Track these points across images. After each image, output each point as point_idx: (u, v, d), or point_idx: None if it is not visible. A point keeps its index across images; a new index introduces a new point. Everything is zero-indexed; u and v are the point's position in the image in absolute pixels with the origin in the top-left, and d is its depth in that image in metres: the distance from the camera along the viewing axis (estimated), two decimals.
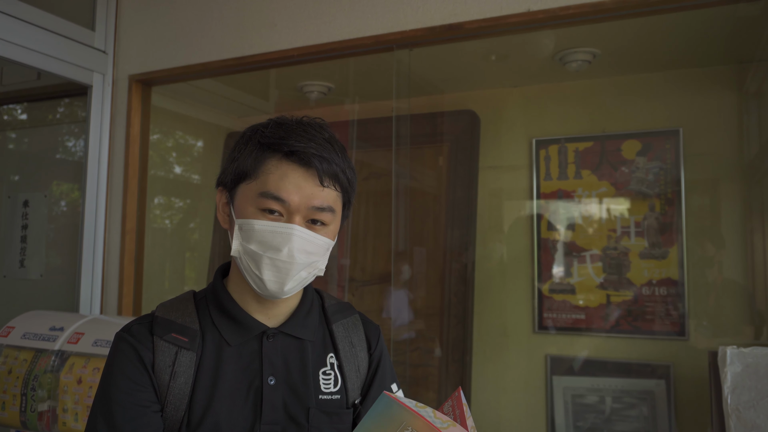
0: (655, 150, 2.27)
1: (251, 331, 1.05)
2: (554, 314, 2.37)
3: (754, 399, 1.46)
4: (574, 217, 2.37)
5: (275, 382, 1.03)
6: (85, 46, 2.46)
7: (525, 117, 2.51)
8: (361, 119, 2.75)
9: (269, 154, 1.01)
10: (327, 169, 1.01)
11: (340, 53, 2.19)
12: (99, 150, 2.52)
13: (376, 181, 2.74)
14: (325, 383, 1.07)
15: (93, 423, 0.98)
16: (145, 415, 0.97)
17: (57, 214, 2.78)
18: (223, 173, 1.07)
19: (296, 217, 1.00)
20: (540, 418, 2.35)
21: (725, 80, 2.21)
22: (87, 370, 1.76)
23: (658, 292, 2.22)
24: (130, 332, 1.03)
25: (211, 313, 1.07)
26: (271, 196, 0.99)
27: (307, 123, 1.05)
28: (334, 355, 1.11)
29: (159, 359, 1.00)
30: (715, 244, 2.19)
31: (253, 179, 1.01)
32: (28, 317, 1.99)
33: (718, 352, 1.56)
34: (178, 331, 1.02)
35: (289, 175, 0.99)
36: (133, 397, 0.98)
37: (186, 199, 3.05)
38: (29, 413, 1.81)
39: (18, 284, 2.75)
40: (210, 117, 3.00)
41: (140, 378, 0.99)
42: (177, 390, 0.99)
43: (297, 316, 1.09)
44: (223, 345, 1.04)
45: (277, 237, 0.99)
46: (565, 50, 2.17)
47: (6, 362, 1.88)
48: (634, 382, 2.23)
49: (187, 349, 1.01)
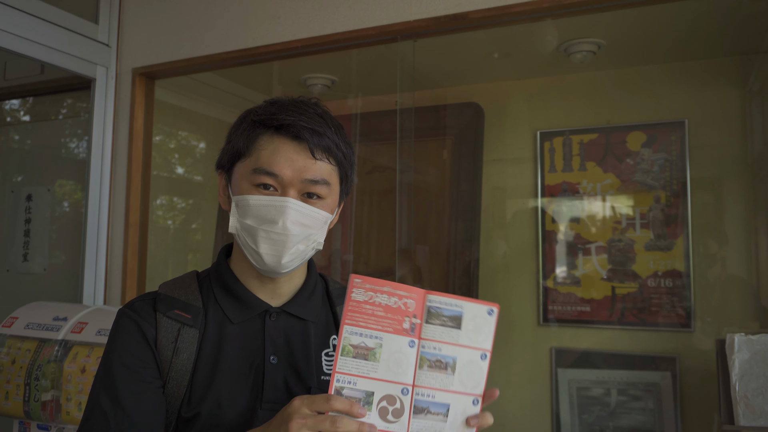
0: (660, 142, 2.26)
1: (254, 309, 1.05)
2: (559, 307, 2.36)
3: (762, 386, 1.45)
4: (579, 209, 2.36)
5: (277, 361, 1.02)
6: (88, 39, 2.45)
7: (529, 109, 2.50)
8: (364, 113, 2.74)
9: (261, 130, 1.01)
10: (318, 142, 1.00)
11: (344, 45, 2.18)
12: (102, 143, 2.52)
13: (380, 175, 2.74)
14: (327, 364, 1.06)
15: (96, 399, 0.98)
16: (148, 391, 0.97)
17: (60, 208, 2.78)
18: (221, 156, 1.08)
19: (290, 190, 1.00)
20: (545, 410, 2.34)
21: (730, 72, 2.20)
22: (91, 360, 1.75)
23: (664, 283, 2.21)
24: (133, 308, 1.03)
25: (214, 291, 1.07)
26: (264, 171, 0.99)
27: (301, 100, 1.05)
28: (337, 337, 1.10)
29: (162, 335, 1.00)
30: (720, 236, 2.18)
31: (247, 157, 1.01)
32: (32, 308, 1.99)
33: (725, 339, 1.55)
34: (181, 308, 1.02)
35: (280, 149, 1.00)
36: (136, 373, 0.97)
37: (190, 189, 3.04)
38: (33, 403, 1.80)
39: (21, 278, 2.75)
40: (213, 111, 3.00)
41: (143, 354, 0.99)
42: (179, 366, 0.98)
43: (300, 296, 1.09)
44: (225, 323, 1.04)
45: (271, 210, 0.99)
46: (569, 41, 2.16)
47: (9, 352, 1.88)
48: (640, 374, 2.22)
49: (190, 325, 1.01)
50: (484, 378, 0.90)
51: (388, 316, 0.87)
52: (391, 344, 0.87)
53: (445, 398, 0.88)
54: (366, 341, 0.86)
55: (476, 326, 0.89)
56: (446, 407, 0.88)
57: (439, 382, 0.88)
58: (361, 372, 0.86)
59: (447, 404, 0.88)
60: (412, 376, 0.87)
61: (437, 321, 0.88)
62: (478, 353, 0.89)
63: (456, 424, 0.88)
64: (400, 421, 0.86)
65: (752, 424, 1.42)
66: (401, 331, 0.87)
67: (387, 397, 0.86)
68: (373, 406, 0.85)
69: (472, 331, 0.89)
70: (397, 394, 0.86)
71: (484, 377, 0.89)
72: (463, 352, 0.89)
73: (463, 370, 0.88)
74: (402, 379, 0.86)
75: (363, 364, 0.86)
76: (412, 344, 0.88)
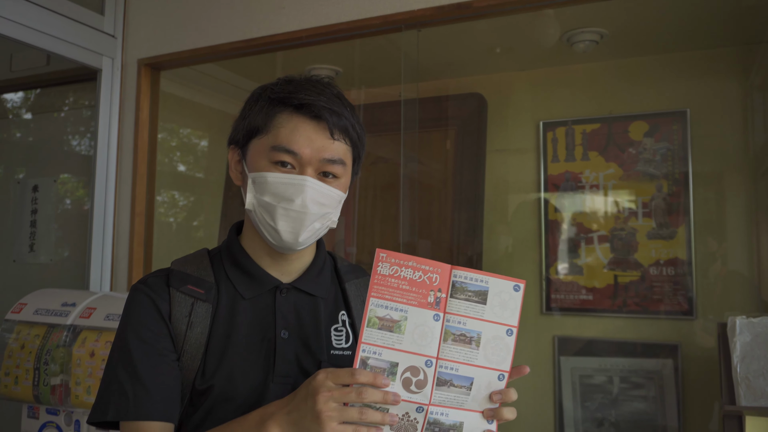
0: (662, 131, 2.27)
1: (265, 285, 1.07)
2: (562, 295, 2.38)
3: (763, 367, 1.46)
4: (581, 199, 2.38)
5: (288, 335, 1.04)
6: (94, 30, 2.47)
7: (532, 100, 2.51)
8: (368, 104, 2.76)
9: (280, 108, 1.02)
10: (337, 123, 1.02)
11: (349, 34, 2.20)
12: (108, 134, 2.54)
13: (384, 166, 2.75)
14: (336, 339, 1.08)
15: (112, 372, 0.99)
16: (164, 363, 0.99)
17: (66, 199, 2.80)
18: (235, 131, 1.09)
19: (308, 169, 1.01)
20: (548, 398, 2.35)
21: (732, 62, 2.22)
22: (99, 344, 1.77)
23: (666, 272, 2.23)
24: (147, 284, 1.05)
25: (226, 268, 1.08)
26: (283, 149, 1.00)
27: (316, 80, 1.07)
28: (345, 313, 1.12)
29: (176, 310, 1.01)
30: (722, 225, 2.19)
31: (265, 134, 1.02)
32: (40, 294, 2.01)
33: (727, 323, 1.57)
34: (194, 284, 1.04)
35: (300, 127, 1.01)
36: (151, 346, 0.99)
37: (196, 175, 3.06)
38: (42, 387, 1.82)
39: (28, 268, 2.77)
40: (217, 103, 3.02)
41: (158, 327, 1.00)
42: (193, 339, 1.00)
43: (310, 273, 1.11)
44: (237, 298, 1.05)
45: (290, 188, 1.00)
46: (572, 30, 2.17)
47: (18, 338, 1.90)
48: (642, 362, 2.24)
49: (203, 300, 1.03)
50: (511, 353, 0.90)
51: (413, 289, 0.88)
52: (416, 317, 0.88)
53: (468, 372, 0.89)
54: (391, 314, 0.88)
55: (502, 302, 0.90)
56: (470, 380, 0.89)
57: (463, 355, 0.89)
58: (387, 343, 0.87)
59: (471, 378, 0.89)
60: (437, 349, 0.88)
61: (462, 296, 0.89)
62: (503, 329, 0.90)
63: (479, 397, 0.89)
64: (423, 392, 0.87)
65: (753, 404, 1.44)
66: (426, 305, 0.88)
67: (411, 368, 0.87)
68: (397, 376, 0.87)
69: (498, 307, 0.90)
70: (421, 366, 0.87)
71: (510, 353, 0.90)
72: (488, 327, 0.90)
73: (487, 345, 0.89)
74: (426, 352, 0.88)
75: (388, 336, 0.87)
76: (437, 318, 0.89)
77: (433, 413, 0.88)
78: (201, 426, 0.98)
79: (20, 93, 3.03)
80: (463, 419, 0.89)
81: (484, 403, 0.90)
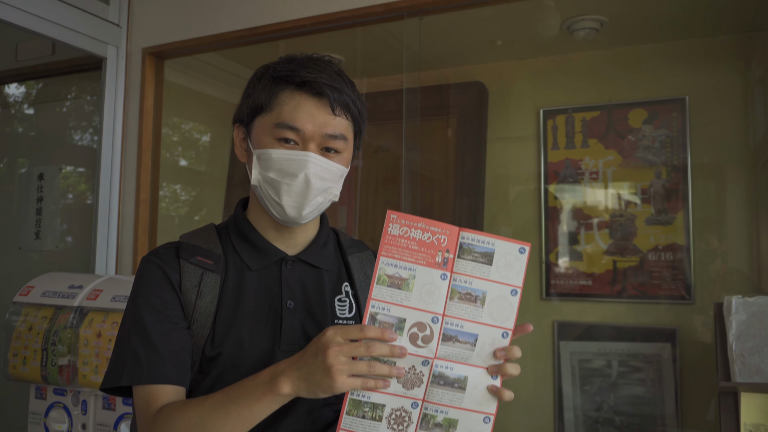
0: (661, 118, 2.30)
1: (271, 257, 1.10)
2: (561, 281, 2.40)
3: (758, 345, 1.49)
4: (581, 185, 2.41)
5: (294, 305, 1.08)
6: (99, 19, 2.50)
7: (532, 88, 2.54)
8: (370, 93, 2.78)
9: (282, 86, 1.06)
10: (338, 99, 1.05)
11: (351, 22, 2.22)
12: (113, 122, 2.57)
13: (385, 155, 2.78)
14: (340, 309, 1.12)
15: (125, 341, 1.02)
16: (176, 330, 1.02)
17: (71, 187, 2.83)
18: (239, 110, 1.12)
19: (311, 144, 1.04)
20: (547, 382, 2.38)
21: (732, 49, 2.24)
22: (106, 325, 1.80)
23: (664, 257, 2.25)
24: (158, 255, 1.08)
25: (233, 241, 1.12)
26: (286, 125, 1.03)
27: (317, 58, 1.10)
28: (348, 284, 1.16)
29: (185, 280, 1.05)
30: (720, 210, 2.22)
31: (268, 111, 1.06)
32: (47, 278, 2.04)
33: (723, 302, 1.60)
34: (203, 255, 1.07)
35: (302, 105, 1.04)
36: (163, 314, 1.02)
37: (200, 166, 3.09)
38: (50, 368, 1.86)
39: (34, 256, 2.80)
40: (221, 93, 3.04)
41: (169, 296, 1.03)
42: (203, 308, 1.03)
43: (314, 246, 1.15)
44: (244, 269, 1.09)
45: (293, 164, 1.03)
46: (572, 18, 2.20)
47: (26, 320, 1.93)
48: (641, 346, 2.26)
49: (212, 271, 1.06)
50: (515, 313, 0.94)
51: (422, 250, 0.92)
52: (423, 276, 0.91)
53: (473, 329, 0.92)
54: (400, 272, 0.91)
55: (507, 263, 0.93)
56: (474, 337, 0.92)
57: (469, 313, 0.92)
58: (395, 300, 0.91)
59: (475, 334, 0.92)
60: (443, 306, 0.92)
61: (469, 256, 0.93)
62: (508, 289, 0.94)
63: (483, 353, 0.93)
64: (429, 347, 0.91)
65: (748, 380, 1.46)
66: (434, 264, 0.92)
67: (418, 324, 0.91)
68: (404, 331, 0.90)
69: (503, 268, 0.93)
70: (428, 322, 0.91)
71: (514, 312, 0.94)
72: (493, 287, 0.93)
73: (492, 304, 0.93)
74: (433, 309, 0.91)
75: (396, 293, 0.91)
76: (444, 277, 0.92)
77: (438, 366, 0.92)
78: (211, 391, 1.01)
79: (26, 83, 3.06)
80: (467, 374, 0.93)
81: (488, 360, 0.93)
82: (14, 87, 3.10)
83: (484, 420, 0.94)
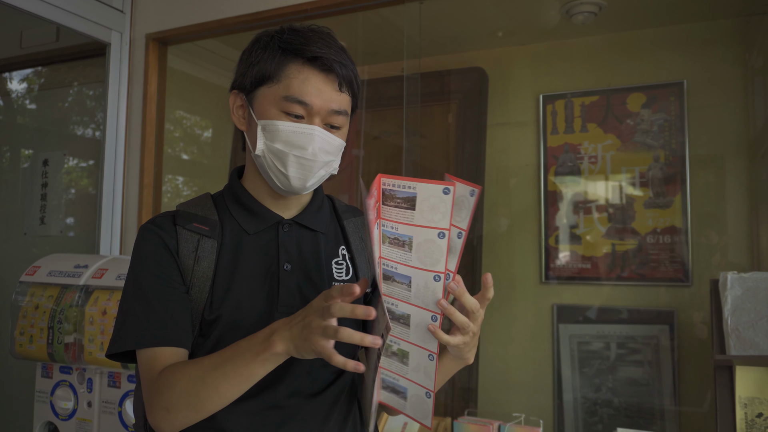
0: (659, 102, 2.32)
1: (267, 221, 1.13)
2: (561, 265, 2.43)
3: (753, 319, 1.52)
4: (580, 169, 2.43)
5: (291, 268, 1.10)
6: (103, 5, 2.53)
7: (532, 73, 2.56)
8: (371, 79, 2.80)
9: (291, 58, 1.07)
10: (345, 75, 1.08)
11: (352, 6, 2.24)
12: (117, 107, 2.60)
13: (387, 141, 2.80)
14: (337, 271, 1.15)
15: (127, 307, 1.05)
16: (175, 293, 1.05)
17: (76, 172, 2.85)
18: (242, 77, 1.12)
19: (316, 119, 1.07)
20: (547, 365, 2.41)
21: (730, 34, 2.26)
22: (111, 303, 1.83)
23: (662, 240, 2.28)
24: (155, 223, 1.11)
25: (229, 207, 1.14)
26: (295, 99, 1.05)
27: (321, 31, 1.11)
28: (345, 248, 1.19)
29: (183, 246, 1.07)
30: (718, 193, 2.24)
31: (275, 82, 1.07)
32: (53, 258, 2.07)
33: (719, 278, 1.62)
34: (199, 222, 1.10)
35: (310, 79, 1.06)
36: (163, 279, 1.05)
37: (201, 162, 3.12)
38: (56, 345, 1.89)
39: (39, 241, 2.84)
40: (223, 81, 3.07)
41: (167, 261, 1.06)
42: (201, 273, 1.06)
43: (310, 209, 1.17)
44: (242, 234, 1.12)
45: (301, 137, 1.06)
46: (571, 2, 2.22)
47: (32, 299, 1.96)
48: (639, 328, 2.29)
49: (209, 236, 1.09)
50: (444, 255, 0.92)
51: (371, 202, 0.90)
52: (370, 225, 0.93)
53: (405, 271, 0.93)
54: None
55: (431, 206, 0.90)
56: (408, 279, 0.94)
57: (399, 256, 0.93)
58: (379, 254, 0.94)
59: (408, 276, 0.94)
60: (379, 250, 0.94)
61: (392, 202, 0.92)
62: (434, 232, 0.91)
63: (420, 295, 0.94)
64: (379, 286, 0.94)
65: (742, 353, 1.49)
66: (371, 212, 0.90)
67: None
68: None
69: (428, 211, 0.91)
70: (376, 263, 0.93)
71: (443, 254, 0.92)
72: (417, 231, 0.92)
73: (419, 248, 0.92)
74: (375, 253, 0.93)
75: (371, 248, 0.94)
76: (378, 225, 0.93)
77: (386, 302, 0.95)
78: (212, 353, 1.04)
79: (30, 69, 3.09)
80: (409, 312, 0.95)
81: (428, 302, 0.94)
82: (20, 74, 3.13)
83: (429, 357, 0.97)
